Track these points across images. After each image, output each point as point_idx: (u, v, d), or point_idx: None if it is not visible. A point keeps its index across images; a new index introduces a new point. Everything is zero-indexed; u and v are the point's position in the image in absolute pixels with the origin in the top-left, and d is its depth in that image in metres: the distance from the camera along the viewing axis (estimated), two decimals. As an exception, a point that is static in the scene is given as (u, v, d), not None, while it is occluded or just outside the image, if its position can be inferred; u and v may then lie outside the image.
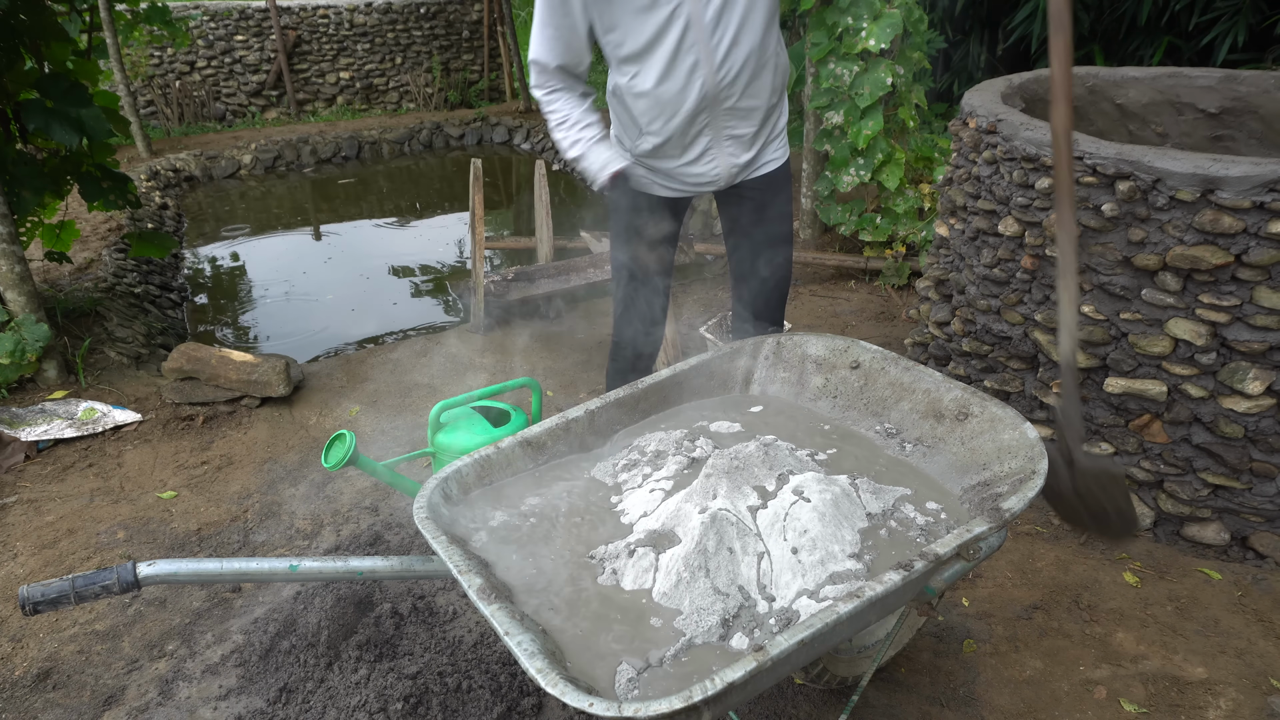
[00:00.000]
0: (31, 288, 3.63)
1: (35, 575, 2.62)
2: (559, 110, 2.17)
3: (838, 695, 2.11)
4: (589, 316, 4.58)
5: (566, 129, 2.16)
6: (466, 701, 2.05)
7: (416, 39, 10.42)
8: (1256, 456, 2.41)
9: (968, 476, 1.67)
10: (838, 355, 1.98)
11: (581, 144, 2.16)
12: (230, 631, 2.38)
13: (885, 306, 4.45)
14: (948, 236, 3.17)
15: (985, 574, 2.53)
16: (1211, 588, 2.43)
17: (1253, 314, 2.28)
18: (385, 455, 3.26)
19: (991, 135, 2.80)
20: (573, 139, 2.16)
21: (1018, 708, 2.09)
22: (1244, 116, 3.12)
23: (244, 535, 2.82)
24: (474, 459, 1.66)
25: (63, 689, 2.22)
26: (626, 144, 2.26)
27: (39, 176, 3.66)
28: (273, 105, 10.06)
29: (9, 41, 3.47)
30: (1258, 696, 2.09)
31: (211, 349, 3.62)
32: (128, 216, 6.26)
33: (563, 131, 2.17)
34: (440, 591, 2.44)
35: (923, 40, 4.60)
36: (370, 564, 1.66)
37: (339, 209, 7.74)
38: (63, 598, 1.50)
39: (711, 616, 1.36)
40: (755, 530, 1.49)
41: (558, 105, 2.16)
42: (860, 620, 1.36)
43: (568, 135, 2.16)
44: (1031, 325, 2.74)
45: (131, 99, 7.74)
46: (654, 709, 1.08)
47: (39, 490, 3.07)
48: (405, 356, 4.10)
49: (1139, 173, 2.34)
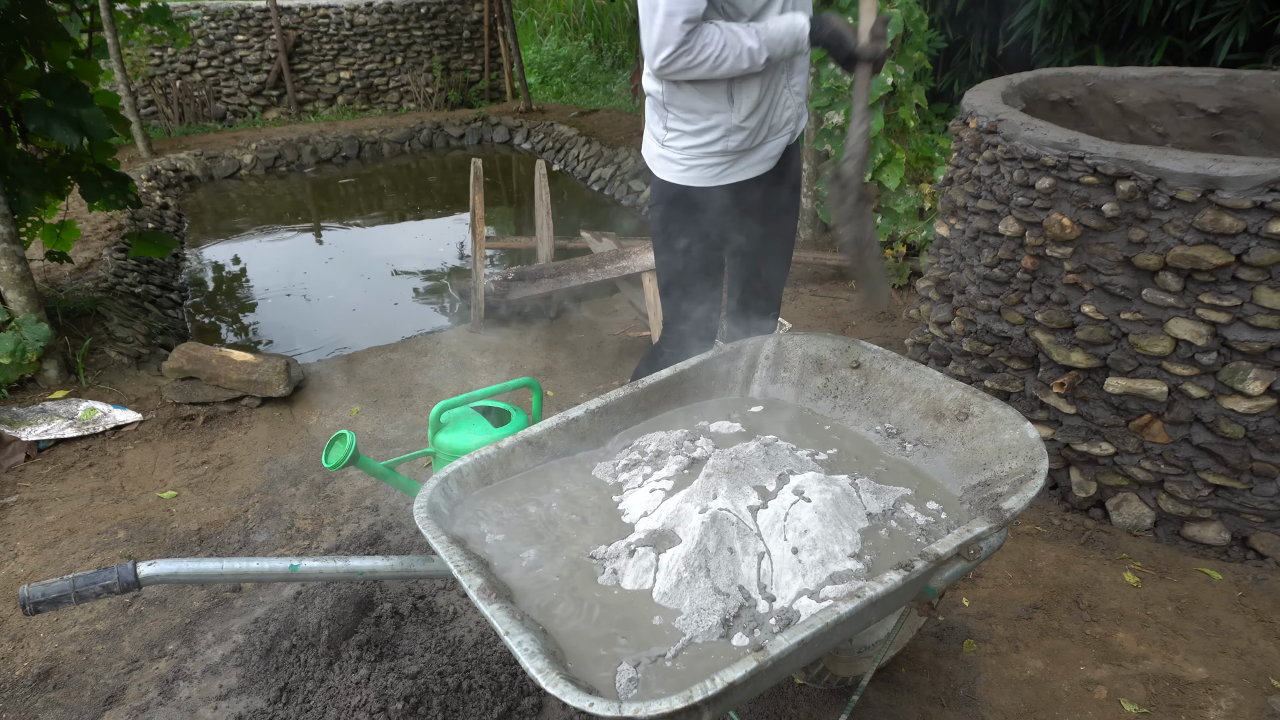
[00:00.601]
0: (32, 287, 3.63)
1: (35, 575, 2.62)
2: (706, 51, 1.99)
3: (838, 695, 2.11)
4: (589, 317, 4.58)
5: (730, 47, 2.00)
6: (467, 701, 2.05)
7: (417, 39, 10.42)
8: (1257, 456, 2.41)
9: (968, 476, 1.67)
10: (838, 355, 1.98)
11: (759, 32, 2.01)
12: (231, 631, 2.38)
13: (885, 306, 4.45)
14: (948, 236, 3.17)
15: (985, 574, 2.53)
16: (1212, 588, 2.43)
17: (1253, 314, 2.28)
18: (385, 455, 3.26)
19: (992, 135, 2.79)
20: (747, 39, 2.00)
21: (1018, 708, 2.08)
22: (1244, 116, 3.12)
23: (244, 535, 2.82)
24: (474, 459, 1.66)
25: (63, 689, 2.22)
26: (721, 122, 2.17)
27: (39, 176, 3.66)
28: (273, 105, 10.06)
29: (9, 41, 3.47)
30: (1258, 696, 2.09)
31: (212, 349, 3.62)
32: (128, 216, 6.26)
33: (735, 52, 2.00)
34: (440, 591, 2.44)
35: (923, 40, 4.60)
36: (370, 564, 1.66)
37: (339, 209, 7.74)
38: (63, 598, 1.50)
39: (712, 616, 1.36)
40: (755, 530, 1.49)
41: (700, 53, 1.99)
42: (860, 620, 1.36)
43: (738, 47, 2.00)
44: (1032, 325, 2.74)
45: (132, 99, 7.74)
46: (654, 709, 1.08)
47: (39, 490, 3.07)
48: (405, 356, 4.10)
49: (1139, 173, 2.34)
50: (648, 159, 2.35)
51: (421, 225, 7.31)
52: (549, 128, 9.45)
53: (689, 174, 2.24)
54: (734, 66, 2.02)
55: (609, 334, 4.36)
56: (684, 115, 2.18)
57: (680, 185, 2.26)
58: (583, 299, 4.82)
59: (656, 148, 2.29)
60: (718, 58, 2.00)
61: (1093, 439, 2.65)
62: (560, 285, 4.52)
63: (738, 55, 2.01)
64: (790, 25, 2.03)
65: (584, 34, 12.56)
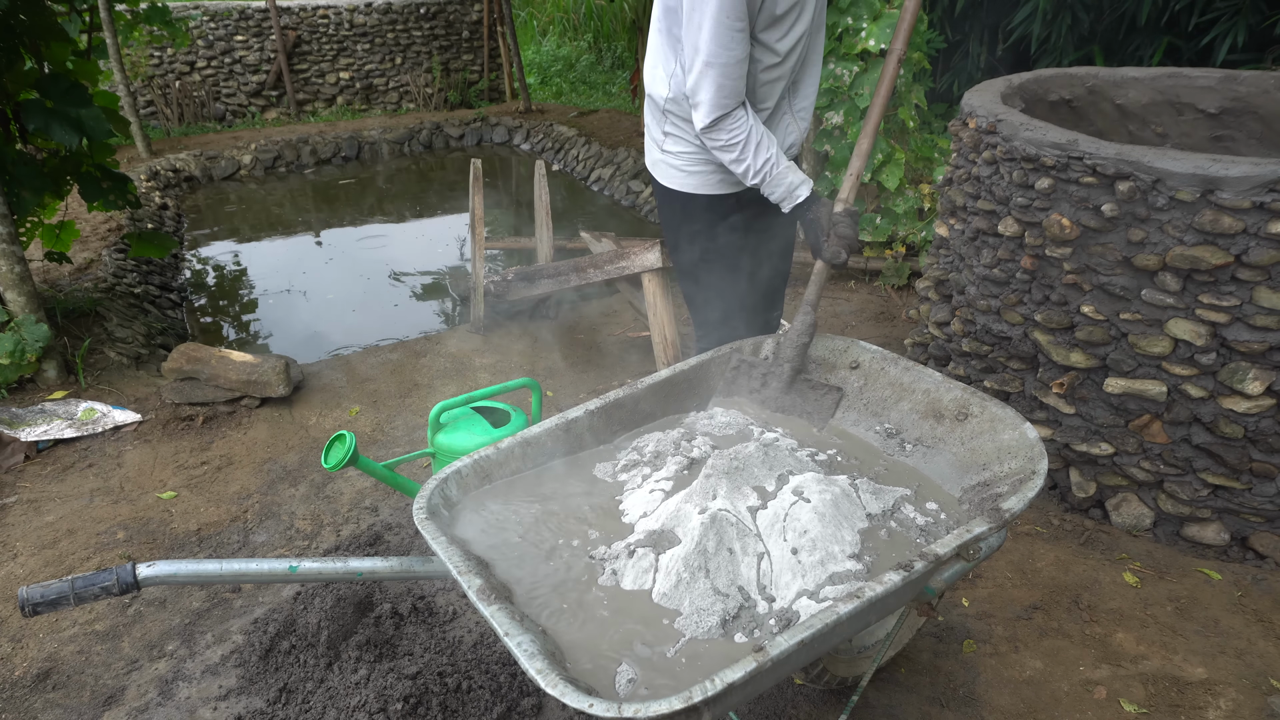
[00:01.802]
0: (31, 288, 3.63)
1: (35, 575, 2.62)
2: (744, 130, 1.99)
3: (838, 695, 2.11)
4: (589, 317, 4.58)
5: (759, 149, 2.00)
6: (466, 702, 2.05)
7: (416, 39, 10.42)
8: (1256, 457, 2.41)
9: (968, 476, 1.67)
10: (837, 355, 1.98)
11: (779, 163, 2.02)
12: (230, 632, 2.38)
13: (885, 306, 4.45)
14: (948, 236, 3.17)
15: (985, 574, 2.53)
16: (1211, 588, 2.43)
17: (1253, 314, 2.28)
18: (385, 456, 3.26)
19: (991, 135, 2.79)
20: (768, 158, 2.00)
21: (1018, 708, 2.09)
22: (1244, 116, 3.12)
23: (244, 535, 2.82)
24: (474, 459, 1.66)
25: (63, 689, 2.22)
26: None
27: (39, 176, 3.66)
28: (273, 105, 10.06)
29: (9, 41, 3.47)
30: (1258, 697, 2.09)
31: (211, 349, 3.62)
32: (128, 217, 6.26)
33: (756, 154, 2.00)
34: (440, 592, 2.44)
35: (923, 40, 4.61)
36: (370, 565, 1.66)
37: (339, 209, 7.73)
38: (62, 599, 1.50)
39: (711, 617, 1.36)
40: (755, 531, 1.49)
41: (741, 123, 1.99)
42: (860, 621, 1.36)
43: (760, 156, 2.00)
44: (1031, 325, 2.74)
45: (131, 99, 7.74)
46: (654, 709, 1.08)
47: (39, 490, 3.07)
48: (405, 357, 4.10)
49: (1139, 173, 2.34)
50: (649, 164, 2.33)
51: (421, 225, 7.31)
52: (548, 128, 9.46)
53: (690, 180, 2.22)
54: (754, 165, 2.02)
55: (609, 334, 4.36)
56: (682, 124, 2.16)
57: (682, 192, 2.24)
58: (583, 299, 4.82)
59: (656, 153, 2.27)
60: (744, 147, 2.00)
61: (1092, 439, 2.65)
62: (560, 285, 4.52)
63: (753, 162, 2.01)
64: (792, 185, 2.03)
65: (583, 34, 12.57)
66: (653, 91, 2.19)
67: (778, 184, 2.04)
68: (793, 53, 2.04)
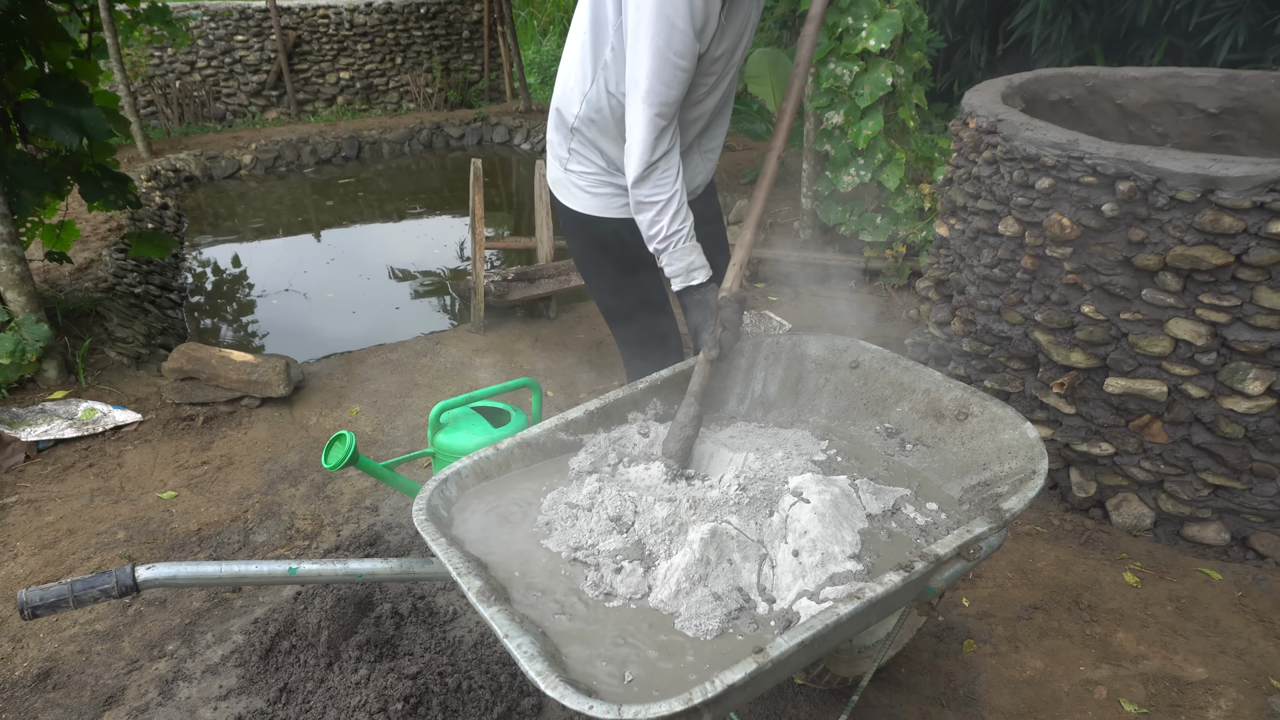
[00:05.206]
0: (31, 288, 3.63)
1: (35, 575, 2.62)
2: (671, 187, 1.85)
3: (838, 695, 2.11)
4: (589, 317, 4.58)
5: (677, 214, 1.87)
6: (466, 702, 2.05)
7: (416, 39, 10.41)
8: (1257, 456, 2.41)
9: (968, 476, 1.67)
10: (837, 355, 1.98)
11: (688, 239, 1.90)
12: (230, 631, 2.38)
13: (885, 306, 4.45)
14: (948, 236, 3.17)
15: (985, 574, 2.53)
16: (1212, 588, 2.43)
17: (1253, 314, 2.28)
18: (385, 455, 3.26)
19: (991, 135, 2.79)
20: (679, 230, 1.88)
21: (1018, 708, 2.08)
22: (1244, 116, 3.11)
23: (244, 535, 2.82)
24: (473, 460, 1.66)
25: (63, 689, 2.22)
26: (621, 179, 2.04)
27: (39, 176, 3.66)
28: (273, 105, 10.05)
29: (9, 41, 3.47)
30: (1258, 696, 2.09)
31: (211, 349, 3.62)
32: (128, 216, 6.25)
33: (672, 220, 1.87)
34: (440, 592, 2.44)
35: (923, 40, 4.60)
36: (370, 566, 1.65)
37: (339, 209, 7.73)
38: (61, 602, 1.50)
39: (712, 619, 1.36)
40: (755, 538, 1.49)
41: (670, 178, 1.85)
42: (860, 621, 1.36)
43: (676, 223, 1.88)
44: (1031, 325, 2.74)
45: (131, 99, 7.74)
46: (654, 711, 1.08)
47: (39, 490, 3.07)
48: (405, 357, 4.10)
49: (1139, 173, 2.34)
50: (551, 182, 2.15)
51: (421, 225, 7.31)
52: (549, 128, 9.43)
53: (594, 202, 2.06)
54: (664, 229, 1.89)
55: (609, 334, 4.36)
56: (588, 146, 2.00)
57: (586, 214, 2.08)
58: (583, 299, 4.82)
59: (559, 171, 2.09)
60: (662, 206, 1.87)
61: (1092, 439, 2.65)
62: (560, 285, 4.52)
63: (665, 227, 1.89)
64: (692, 266, 1.91)
65: (584, 34, 12.52)
66: (562, 107, 2.00)
67: (679, 259, 1.90)
68: (715, 91, 1.94)
